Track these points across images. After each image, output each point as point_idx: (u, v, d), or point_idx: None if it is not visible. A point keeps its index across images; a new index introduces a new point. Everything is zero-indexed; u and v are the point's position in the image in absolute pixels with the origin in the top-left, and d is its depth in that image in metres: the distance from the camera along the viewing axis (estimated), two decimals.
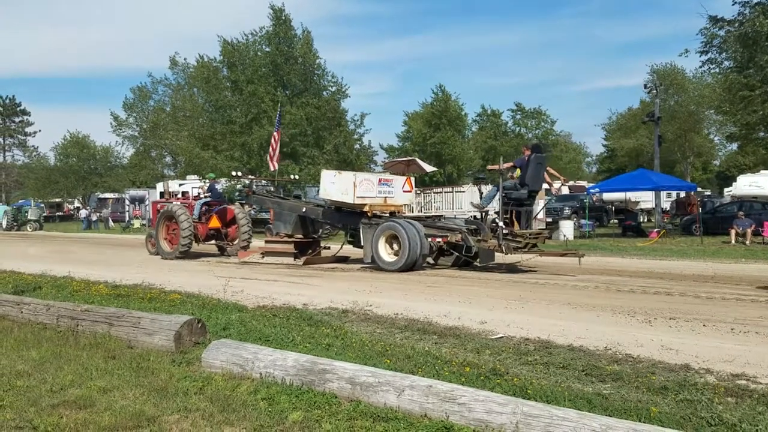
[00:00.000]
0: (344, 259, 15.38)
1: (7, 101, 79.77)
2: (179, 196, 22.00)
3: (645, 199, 35.09)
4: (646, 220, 35.20)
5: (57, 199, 62.17)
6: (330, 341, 6.11)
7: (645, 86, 33.04)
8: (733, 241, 20.82)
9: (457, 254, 13.48)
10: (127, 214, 43.72)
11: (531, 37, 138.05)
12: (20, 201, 56.22)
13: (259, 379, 4.67)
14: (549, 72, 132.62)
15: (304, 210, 15.30)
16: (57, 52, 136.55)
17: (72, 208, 63.04)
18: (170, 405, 4.27)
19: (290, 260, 15.00)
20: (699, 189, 41.09)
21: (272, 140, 20.76)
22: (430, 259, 14.13)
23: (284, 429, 3.84)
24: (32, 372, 5.11)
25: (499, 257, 13.26)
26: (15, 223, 41.14)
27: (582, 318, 7.53)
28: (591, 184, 36.54)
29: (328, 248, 16.14)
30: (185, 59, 51.67)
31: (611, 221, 32.97)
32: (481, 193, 14.21)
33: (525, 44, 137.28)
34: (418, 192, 27.91)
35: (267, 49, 40.75)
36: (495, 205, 13.20)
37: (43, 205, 52.48)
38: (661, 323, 7.20)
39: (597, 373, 5.03)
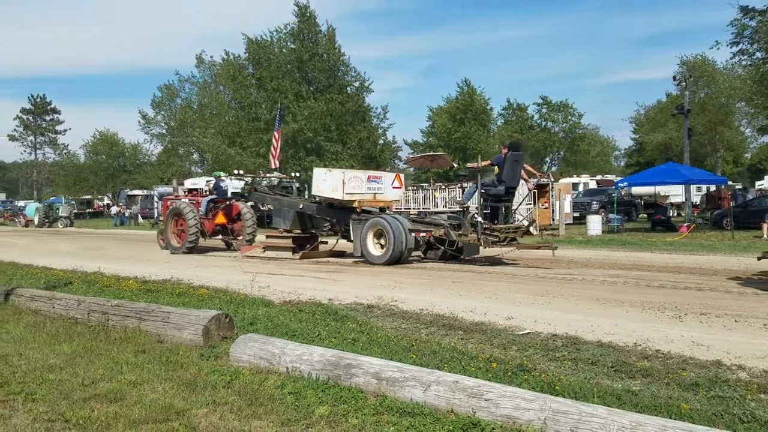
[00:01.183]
0: (341, 254, 15.61)
1: (38, 100, 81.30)
2: (206, 192, 22.39)
3: (674, 193, 34.49)
4: (675, 214, 34.61)
5: (87, 196, 63.19)
6: (355, 336, 6.12)
7: (674, 78, 32.41)
8: (765, 236, 20.36)
9: (444, 248, 13.87)
10: (156, 211, 44.28)
11: (555, 29, 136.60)
12: (51, 198, 57.25)
13: (286, 374, 4.70)
14: (574, 65, 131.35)
15: (301, 206, 15.82)
16: (86, 51, 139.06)
17: (102, 204, 64.06)
18: (199, 399, 4.32)
19: (289, 254, 15.45)
20: (730, 182, 40.28)
21: (273, 139, 21.23)
22: (420, 253, 14.62)
23: (311, 423, 3.86)
24: (64, 366, 5.20)
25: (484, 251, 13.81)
26: (46, 220, 41.91)
27: (611, 314, 7.44)
28: (619, 178, 36.07)
29: (326, 243, 16.50)
30: (211, 57, 52.19)
31: (640, 216, 32.48)
32: (463, 190, 14.40)
33: (549, 37, 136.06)
34: (443, 187, 27.80)
35: (292, 46, 40.91)
36: (476, 201, 13.63)
37: (73, 202, 53.36)
38: (692, 319, 7.09)
39: (626, 369, 4.96)
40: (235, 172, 19.85)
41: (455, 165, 38.01)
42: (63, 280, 10.59)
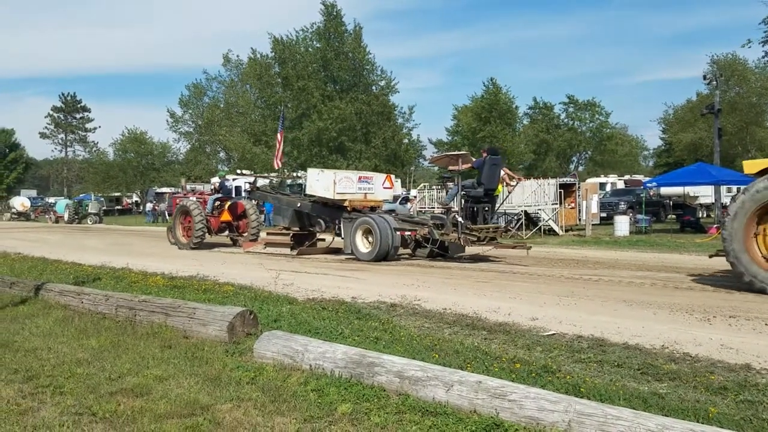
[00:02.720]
0: (337, 251, 15.96)
1: (69, 98, 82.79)
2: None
3: (704, 194, 33.90)
4: (705, 215, 34.04)
5: (116, 194, 64.15)
6: (378, 335, 6.12)
7: (704, 77, 31.84)
8: None
9: (430, 246, 14.54)
10: None
11: (584, 27, 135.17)
12: (81, 195, 58.20)
13: (309, 371, 4.72)
14: (603, 63, 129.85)
15: (298, 205, 16.35)
16: (115, 50, 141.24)
17: (131, 202, 64.98)
18: (223, 394, 4.35)
19: (287, 250, 16.20)
20: None
21: (276, 141, 21.96)
22: (409, 251, 15.29)
23: (333, 420, 3.87)
24: (92, 360, 5.28)
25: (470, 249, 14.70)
26: (76, 216, 42.61)
27: (638, 315, 7.34)
28: (648, 179, 35.58)
29: (323, 240, 17.03)
30: (237, 56, 52.63)
31: (669, 217, 32.01)
32: (446, 191, 15.52)
33: (578, 35, 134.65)
34: None
35: (317, 45, 41.03)
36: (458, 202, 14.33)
37: (102, 199, 54.16)
38: (721, 322, 6.96)
39: (653, 372, 4.89)
40: (238, 171, 20.46)
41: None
42: (91, 276, 10.76)
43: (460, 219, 13.51)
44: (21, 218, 48.80)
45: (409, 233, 14.39)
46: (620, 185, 37.92)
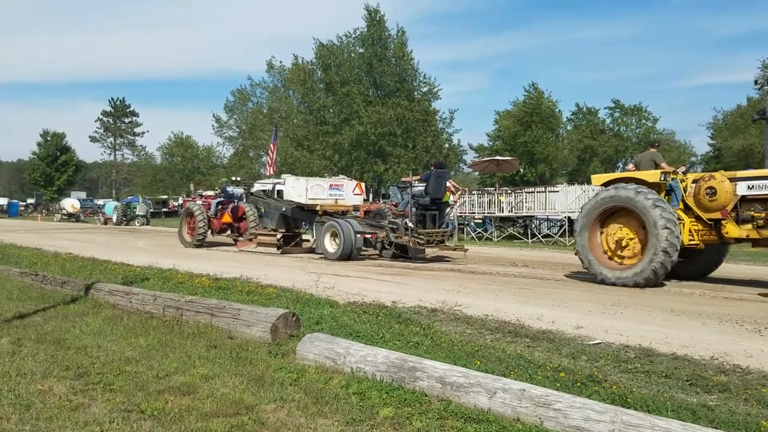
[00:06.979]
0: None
1: (118, 103, 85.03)
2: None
3: None
4: None
5: (163, 196, 65.52)
6: (419, 340, 6.11)
7: (755, 82, 30.97)
8: None
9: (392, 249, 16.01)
10: None
11: (633, 30, 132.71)
12: (129, 197, 59.63)
13: (350, 374, 4.74)
14: (652, 67, 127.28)
15: (283, 209, 17.77)
16: (163, 56, 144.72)
17: (177, 204, 66.31)
18: (267, 394, 4.41)
19: (274, 249, 17.86)
20: None
21: (269, 150, 23.24)
22: (374, 251, 16.51)
23: (375, 424, 3.88)
24: (140, 358, 5.40)
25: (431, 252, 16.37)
26: (124, 218, 43.63)
27: (686, 326, 7.16)
28: None
29: (308, 241, 18.46)
30: (281, 62, 53.32)
31: None
32: (402, 199, 17.35)
33: (627, 38, 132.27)
34: (509, 192, 27.36)
35: (361, 51, 41.21)
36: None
37: (150, 201, 55.39)
38: None
39: (702, 383, 4.77)
40: (233, 178, 21.70)
41: (521, 170, 37.46)
42: (140, 276, 11.01)
43: (410, 224, 15.01)
44: (71, 219, 50.15)
45: (369, 236, 15.67)
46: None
